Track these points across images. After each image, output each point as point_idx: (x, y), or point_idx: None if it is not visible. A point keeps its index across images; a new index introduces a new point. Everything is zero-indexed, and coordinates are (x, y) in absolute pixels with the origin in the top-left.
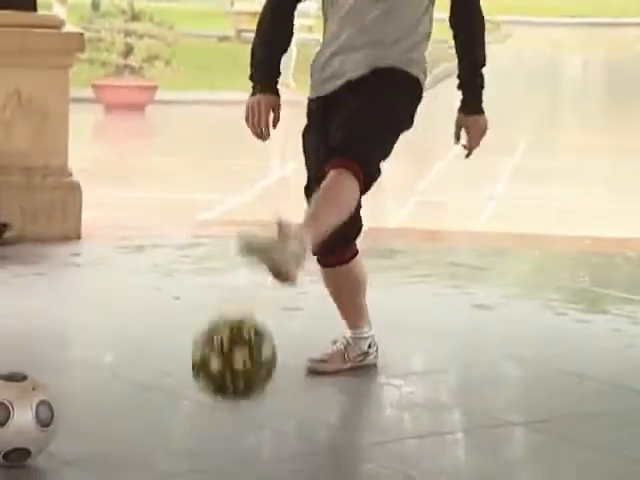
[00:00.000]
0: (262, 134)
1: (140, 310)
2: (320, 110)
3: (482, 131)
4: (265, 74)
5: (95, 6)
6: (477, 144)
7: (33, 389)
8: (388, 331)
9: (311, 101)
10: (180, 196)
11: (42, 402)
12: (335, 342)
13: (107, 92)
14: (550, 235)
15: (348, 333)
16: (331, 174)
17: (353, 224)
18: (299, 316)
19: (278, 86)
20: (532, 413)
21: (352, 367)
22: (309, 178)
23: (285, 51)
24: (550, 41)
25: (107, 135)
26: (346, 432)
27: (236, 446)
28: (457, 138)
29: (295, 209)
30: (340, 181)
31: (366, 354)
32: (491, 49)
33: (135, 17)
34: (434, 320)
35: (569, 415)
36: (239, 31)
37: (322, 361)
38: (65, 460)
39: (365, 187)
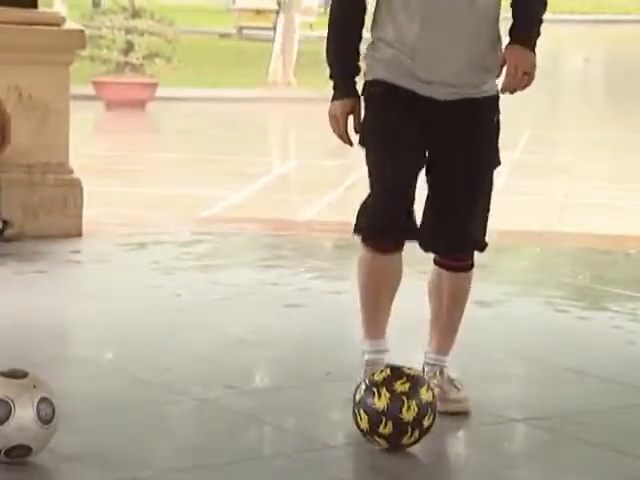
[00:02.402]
0: (345, 140)
1: (141, 307)
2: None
3: (525, 65)
4: (342, 74)
5: (96, 3)
6: (515, 81)
7: (34, 386)
8: (387, 328)
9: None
10: (181, 193)
11: (43, 399)
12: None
13: (108, 89)
14: (551, 232)
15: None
16: (458, 281)
17: None
18: (300, 313)
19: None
20: (533, 410)
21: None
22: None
23: (361, 38)
24: (551, 38)
25: (108, 132)
26: (346, 429)
27: (237, 442)
28: (498, 76)
29: (296, 205)
30: (464, 288)
31: None
32: None
33: (136, 14)
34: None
35: (569, 412)
36: (240, 28)
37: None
38: (66, 456)
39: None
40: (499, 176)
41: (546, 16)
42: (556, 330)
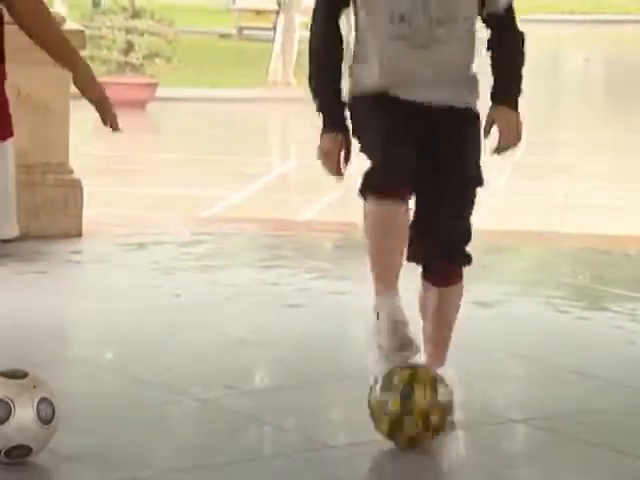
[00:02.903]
0: (337, 174)
1: (141, 307)
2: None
3: (515, 125)
4: (329, 107)
5: (96, 3)
6: (508, 141)
7: (34, 386)
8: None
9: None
10: (181, 193)
11: (43, 399)
12: None
13: (108, 89)
14: (551, 232)
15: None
16: (448, 293)
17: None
18: (301, 313)
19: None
20: (533, 410)
21: None
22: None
23: (341, 71)
24: (551, 38)
25: (108, 132)
26: (347, 429)
27: (237, 442)
28: (486, 133)
29: (296, 205)
30: (452, 301)
31: None
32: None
33: (136, 14)
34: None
35: (570, 412)
36: (240, 28)
37: None
38: (66, 456)
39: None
40: (500, 176)
41: (546, 16)
42: (556, 330)
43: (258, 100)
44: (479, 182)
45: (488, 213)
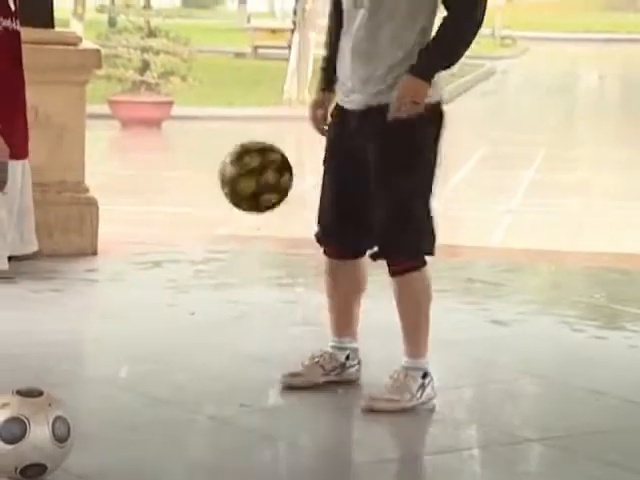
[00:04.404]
0: (321, 134)
1: (156, 325)
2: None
3: (411, 94)
4: (321, 78)
5: (112, 23)
6: (398, 106)
7: (49, 405)
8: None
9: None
10: (196, 211)
11: (58, 418)
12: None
13: (123, 108)
14: (567, 251)
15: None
16: (397, 285)
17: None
18: (315, 331)
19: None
20: (548, 429)
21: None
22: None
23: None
24: (566, 56)
25: (123, 151)
26: (361, 448)
27: (251, 460)
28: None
29: (311, 223)
30: (405, 291)
31: (343, 366)
32: (508, 63)
33: (151, 33)
34: (450, 336)
35: (586, 431)
36: (255, 47)
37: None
38: (81, 475)
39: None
40: (515, 194)
41: (562, 35)
42: (572, 349)
43: (273, 118)
44: (405, 175)
45: (503, 231)
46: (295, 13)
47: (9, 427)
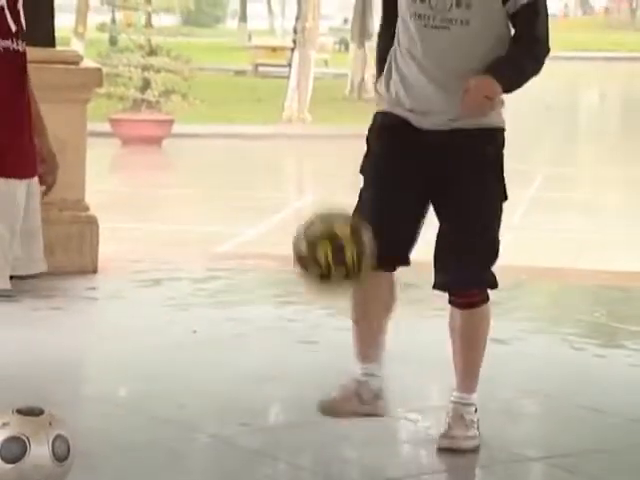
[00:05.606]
0: None
1: (156, 343)
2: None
3: (485, 89)
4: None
5: (113, 41)
6: (471, 100)
7: (50, 424)
8: (404, 365)
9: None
10: (196, 229)
11: (59, 437)
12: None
13: (124, 126)
14: (567, 269)
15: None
16: (467, 317)
17: None
18: (315, 349)
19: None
20: (550, 448)
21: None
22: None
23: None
24: (566, 75)
25: (124, 169)
26: (362, 467)
27: None
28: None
29: None
30: (473, 326)
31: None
32: None
33: (152, 52)
34: (450, 354)
35: (587, 450)
36: (256, 65)
37: None
38: None
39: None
40: (516, 212)
41: (562, 54)
42: (573, 368)
43: (273, 136)
44: (490, 198)
45: (504, 248)
46: (295, 31)
47: (9, 446)
